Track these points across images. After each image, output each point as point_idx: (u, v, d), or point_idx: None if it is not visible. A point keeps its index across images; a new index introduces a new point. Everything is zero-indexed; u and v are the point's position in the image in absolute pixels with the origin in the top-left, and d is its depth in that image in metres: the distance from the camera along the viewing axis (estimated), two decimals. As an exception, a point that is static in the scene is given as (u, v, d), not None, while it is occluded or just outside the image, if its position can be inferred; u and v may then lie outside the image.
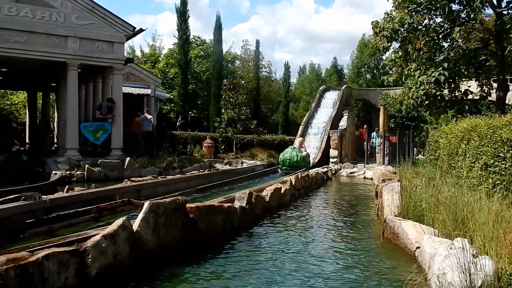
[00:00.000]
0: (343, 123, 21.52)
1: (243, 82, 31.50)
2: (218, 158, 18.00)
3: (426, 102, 12.19)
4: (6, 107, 28.70)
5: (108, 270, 4.02)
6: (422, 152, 14.83)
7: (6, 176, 13.21)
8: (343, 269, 4.73)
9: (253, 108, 28.89)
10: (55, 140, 20.82)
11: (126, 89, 18.16)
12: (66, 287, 3.57)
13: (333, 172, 17.06)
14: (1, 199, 6.40)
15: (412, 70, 12.26)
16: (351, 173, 17.75)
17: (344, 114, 22.08)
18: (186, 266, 4.63)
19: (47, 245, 3.74)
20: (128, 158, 13.50)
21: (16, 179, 12.86)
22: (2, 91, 28.01)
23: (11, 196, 6.66)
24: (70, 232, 5.71)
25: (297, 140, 18.17)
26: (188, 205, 5.51)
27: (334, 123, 21.94)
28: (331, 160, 20.25)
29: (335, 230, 6.77)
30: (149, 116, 18.10)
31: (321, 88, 26.70)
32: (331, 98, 24.85)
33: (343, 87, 25.72)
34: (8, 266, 3.11)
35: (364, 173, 17.16)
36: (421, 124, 17.56)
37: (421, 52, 12.14)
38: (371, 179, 15.39)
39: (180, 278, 4.32)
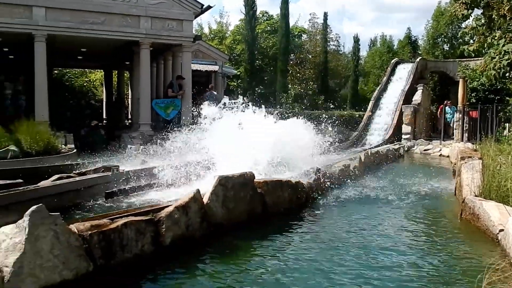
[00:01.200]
0: (417, 97, 20.49)
1: (310, 56, 30.92)
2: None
3: (510, 73, 11.21)
4: (84, 84, 30.65)
5: (181, 240, 4.17)
6: (508, 128, 13.70)
7: (86, 148, 14.21)
8: (418, 250, 4.52)
9: (321, 83, 28.34)
10: (129, 116, 21.92)
11: (194, 66, 18.52)
12: (143, 254, 3.75)
13: (406, 149, 16.39)
14: (84, 170, 6.88)
15: (496, 38, 11.27)
16: (425, 150, 16.95)
17: (418, 88, 20.99)
18: (253, 240, 4.68)
19: (125, 214, 3.92)
20: None
21: (94, 152, 13.77)
22: (82, 70, 29.91)
23: (93, 168, 7.14)
24: (145, 202, 6.01)
25: None
26: (256, 179, 5.56)
27: (407, 97, 20.95)
28: (403, 136, 19.46)
29: (408, 209, 6.49)
30: (214, 92, 18.39)
31: (393, 61, 25.47)
32: (404, 71, 23.66)
33: (418, 59, 24.32)
34: (92, 231, 3.32)
35: (440, 150, 16.30)
36: (507, 98, 16.19)
37: (508, 19, 11.10)
38: (448, 156, 14.59)
39: (249, 251, 4.37)
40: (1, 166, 9.19)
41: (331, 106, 22.34)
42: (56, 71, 25.30)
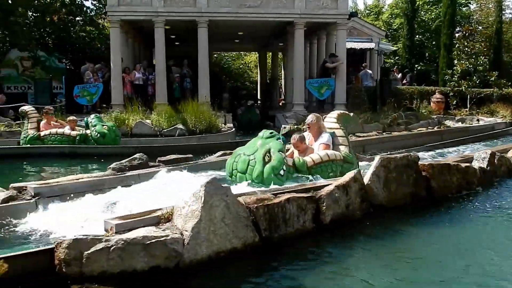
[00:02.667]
0: None
1: (480, 28, 27.50)
2: (448, 115, 16.41)
3: None
4: (240, 67, 32.58)
5: (340, 219, 4.12)
6: None
7: (241, 126, 15.14)
8: None
9: (493, 57, 25.02)
10: (282, 97, 22.57)
11: (349, 44, 18.03)
12: (304, 230, 3.80)
13: None
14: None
15: None
16: None
17: None
18: (415, 224, 4.41)
19: (287, 190, 4.01)
20: (351, 114, 13.57)
21: (251, 131, 14.58)
22: (237, 53, 31.82)
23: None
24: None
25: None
26: (420, 162, 5.18)
27: None
28: None
29: None
30: (369, 71, 17.68)
31: None
32: None
33: None
34: (258, 205, 3.46)
35: None
36: None
37: None
38: None
39: (410, 235, 4.13)
40: (170, 142, 10.39)
41: (507, 83, 19.52)
42: (215, 55, 27.36)
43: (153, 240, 2.91)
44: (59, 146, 9.16)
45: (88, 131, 9.35)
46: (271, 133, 5.30)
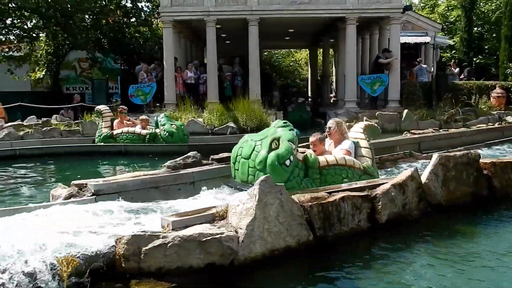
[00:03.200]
0: None
1: (545, 17, 25.70)
2: (509, 110, 15.51)
3: None
4: (291, 64, 32.41)
5: (397, 219, 4.01)
6: None
7: (292, 124, 14.99)
8: None
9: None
10: (333, 94, 22.24)
11: (402, 39, 17.45)
12: (358, 229, 3.73)
13: None
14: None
15: None
16: None
17: None
18: (475, 225, 4.23)
19: (341, 189, 3.94)
20: (405, 110, 13.18)
21: (302, 128, 14.43)
22: (287, 50, 31.67)
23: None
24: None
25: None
26: (481, 160, 4.93)
27: None
28: None
29: None
30: (424, 66, 17.03)
31: None
32: None
33: None
34: (312, 203, 3.43)
35: None
36: None
37: None
38: None
39: (469, 237, 3.93)
40: (222, 141, 10.50)
41: None
42: (265, 53, 27.39)
43: (209, 238, 2.95)
44: (121, 144, 9.57)
45: (157, 130, 9.64)
46: (284, 122, 4.92)
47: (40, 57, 18.26)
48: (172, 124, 9.67)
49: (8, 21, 17.02)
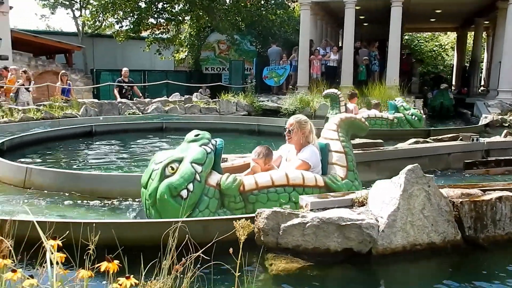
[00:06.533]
0: None
1: None
2: None
3: None
4: (434, 49, 29.98)
5: None
6: None
7: (432, 112, 13.95)
8: None
9: None
10: (483, 82, 20.06)
11: None
12: (517, 235, 3.28)
13: None
14: (440, 137, 6.73)
15: None
16: None
17: None
18: None
19: (497, 187, 3.52)
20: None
21: (444, 119, 13.35)
22: (432, 34, 29.30)
23: (448, 135, 6.88)
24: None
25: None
26: None
27: None
28: None
29: None
30: None
31: None
32: None
33: None
34: (463, 200, 3.12)
35: None
36: None
37: None
38: None
39: None
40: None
41: None
42: (406, 36, 25.73)
43: (349, 222, 2.88)
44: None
45: (398, 114, 9.44)
46: (196, 135, 3.62)
47: (184, 39, 19.84)
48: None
49: (160, 6, 18.84)
